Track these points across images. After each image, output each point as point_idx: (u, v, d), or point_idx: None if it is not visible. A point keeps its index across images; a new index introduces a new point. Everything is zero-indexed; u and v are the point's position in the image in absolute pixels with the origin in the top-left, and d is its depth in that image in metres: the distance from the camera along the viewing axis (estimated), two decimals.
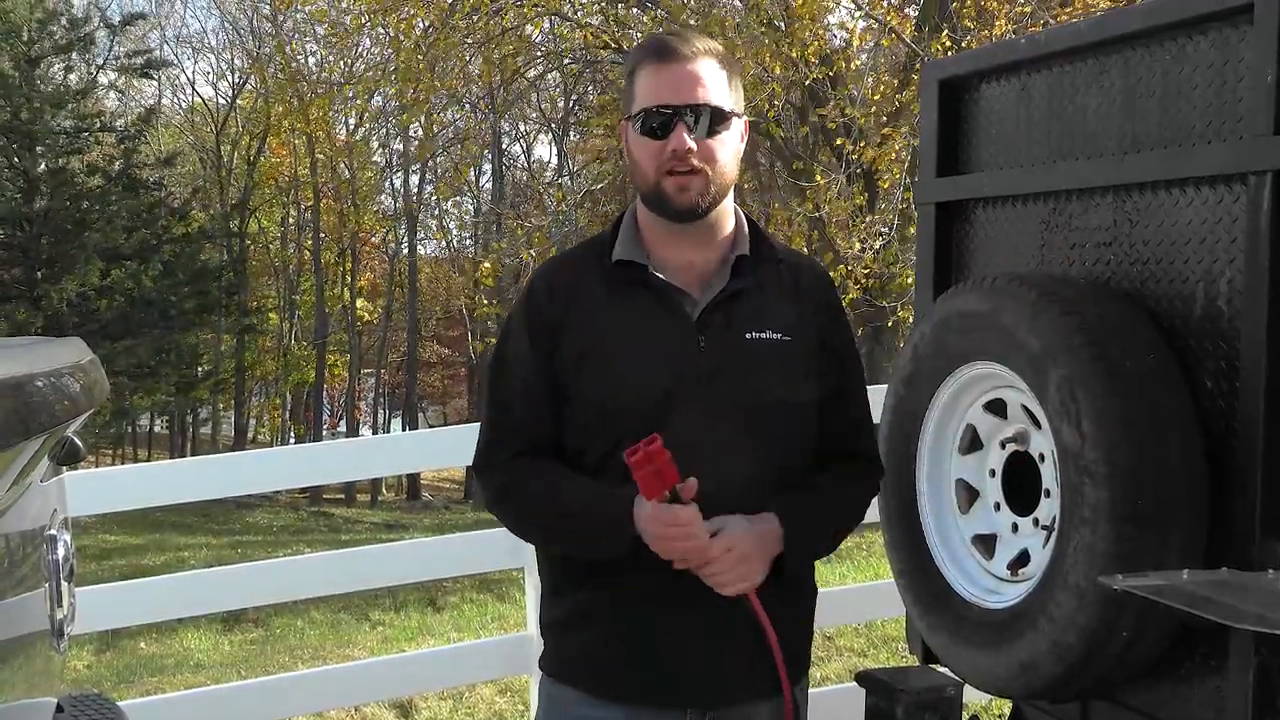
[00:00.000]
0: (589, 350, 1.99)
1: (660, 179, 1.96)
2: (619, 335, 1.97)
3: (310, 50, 31.17)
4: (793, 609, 2.08)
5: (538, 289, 2.08)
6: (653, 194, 1.98)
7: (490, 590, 10.78)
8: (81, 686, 6.05)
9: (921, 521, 2.53)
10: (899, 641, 5.77)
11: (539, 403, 2.02)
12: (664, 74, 1.96)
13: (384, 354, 39.25)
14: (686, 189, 1.95)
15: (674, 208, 1.97)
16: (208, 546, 17.80)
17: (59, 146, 22.59)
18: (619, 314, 2.00)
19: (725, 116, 1.97)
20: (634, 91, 2.00)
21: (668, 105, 1.94)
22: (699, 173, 1.95)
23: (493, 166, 32.07)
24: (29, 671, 1.63)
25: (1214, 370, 2.09)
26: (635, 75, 2.01)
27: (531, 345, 2.03)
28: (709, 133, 1.95)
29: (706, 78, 1.95)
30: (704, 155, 1.95)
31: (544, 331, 2.03)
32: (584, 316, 2.02)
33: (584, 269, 2.08)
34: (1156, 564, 1.97)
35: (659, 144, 1.95)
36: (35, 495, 1.68)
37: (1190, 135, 2.15)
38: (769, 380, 1.98)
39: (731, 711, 2.01)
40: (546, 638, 2.12)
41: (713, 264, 2.04)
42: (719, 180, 1.97)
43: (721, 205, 2.02)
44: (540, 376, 2.02)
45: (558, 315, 2.03)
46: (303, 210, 36.93)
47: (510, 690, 5.52)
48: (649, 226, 2.05)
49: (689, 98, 1.94)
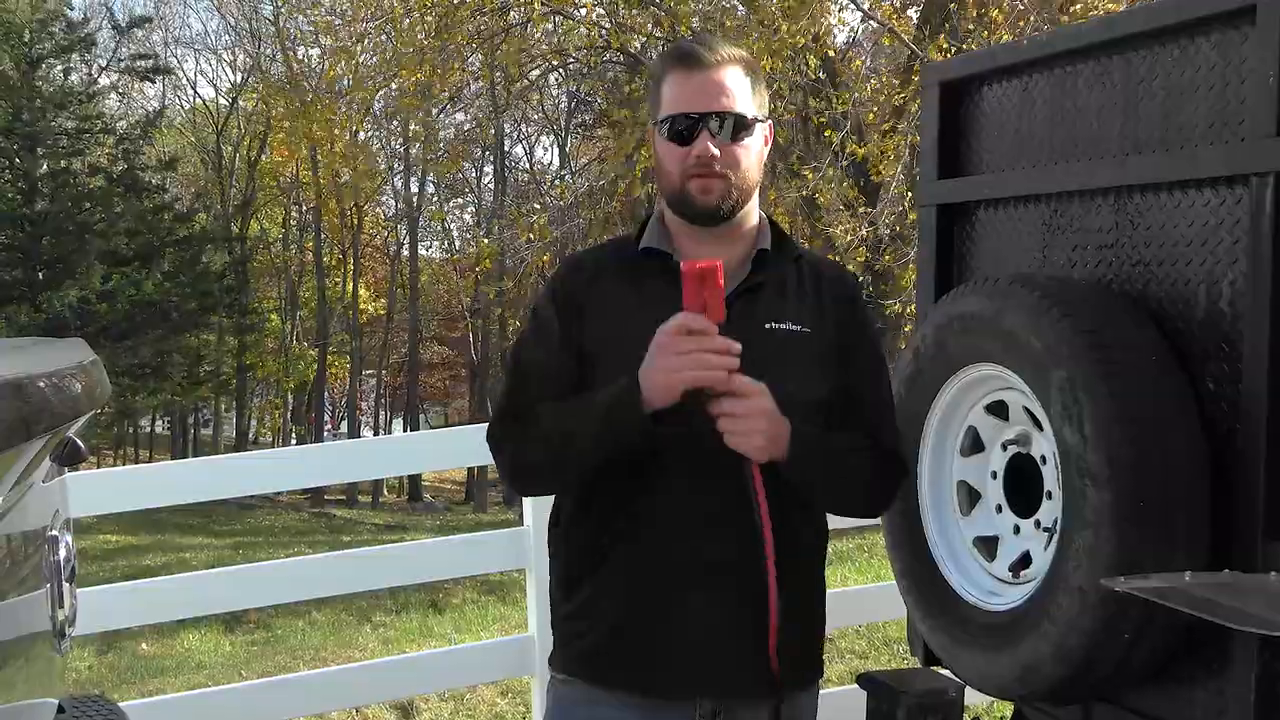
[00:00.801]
0: (610, 335, 2.01)
1: (685, 181, 2.00)
2: (640, 322, 1.97)
3: (314, 54, 31.21)
4: (806, 614, 2.08)
5: (565, 272, 2.13)
6: (677, 196, 2.02)
7: (492, 592, 10.80)
8: (83, 687, 6.06)
9: (923, 523, 2.53)
10: (900, 643, 5.76)
11: (553, 389, 2.03)
12: (689, 81, 2.00)
13: (385, 355, 39.28)
14: (709, 191, 1.99)
15: (697, 209, 2.01)
16: (209, 547, 17.83)
17: (60, 148, 22.61)
18: (641, 301, 2.03)
19: (748, 123, 2.01)
20: (660, 98, 2.04)
21: (692, 112, 1.98)
22: (722, 176, 1.98)
23: (494, 168, 32.11)
24: (30, 672, 1.63)
25: (1216, 372, 2.09)
26: (662, 82, 2.05)
27: (555, 329, 2.06)
28: (732, 138, 1.99)
29: (731, 85, 1.99)
30: (727, 160, 1.98)
31: (571, 316, 2.06)
32: (607, 302, 2.05)
33: (610, 260, 2.13)
34: (1159, 566, 1.96)
35: (684, 149, 1.99)
36: (37, 496, 1.68)
37: (1192, 137, 2.15)
38: (788, 371, 1.99)
39: (741, 704, 2.02)
40: (557, 633, 2.12)
41: (736, 259, 2.06)
42: (742, 185, 2.01)
43: (746, 208, 2.05)
44: (563, 359, 2.04)
45: (582, 298, 2.06)
46: (304, 211, 36.96)
47: (512, 692, 5.52)
48: (676, 227, 2.09)
49: (713, 105, 1.98)
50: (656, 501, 1.99)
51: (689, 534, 1.97)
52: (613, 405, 1.91)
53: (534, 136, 34.62)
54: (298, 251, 38.24)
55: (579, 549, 2.08)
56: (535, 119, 31.45)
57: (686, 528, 1.98)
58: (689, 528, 1.98)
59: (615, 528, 2.02)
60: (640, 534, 2.00)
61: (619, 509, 2.02)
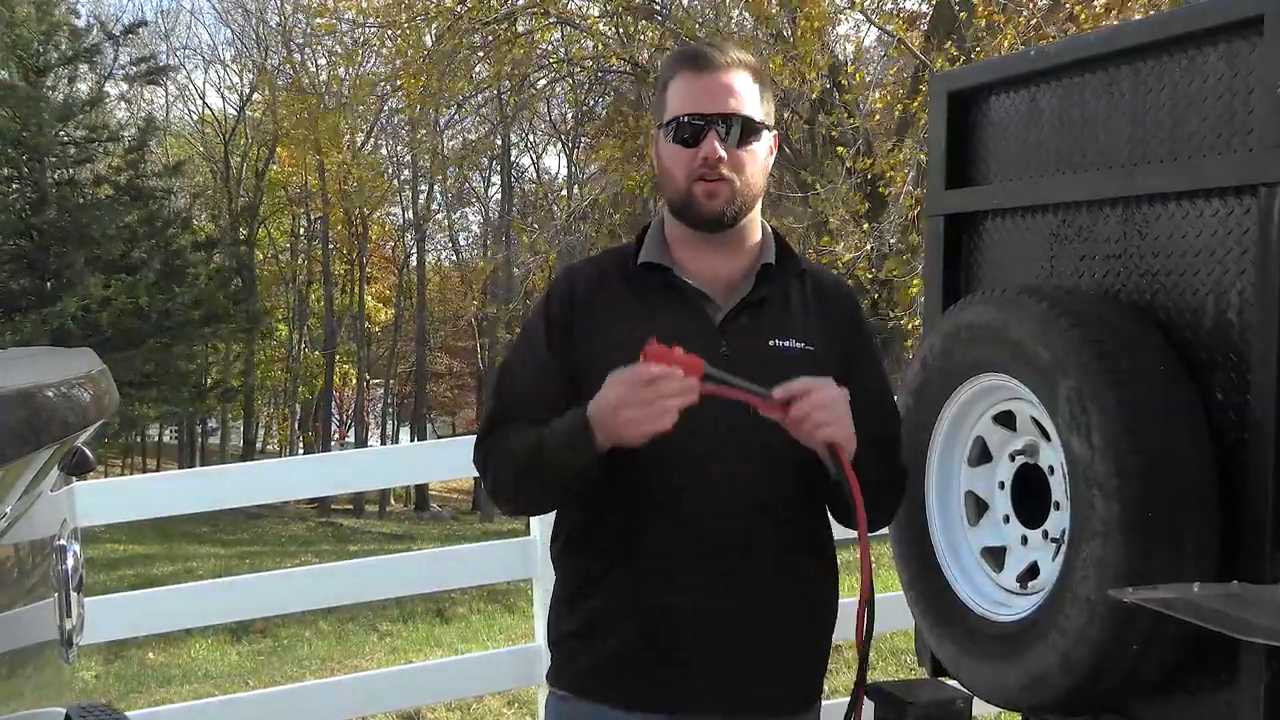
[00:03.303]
0: (608, 351, 1.96)
1: (690, 185, 1.96)
2: (639, 336, 1.97)
3: (320, 64, 31.30)
4: (811, 628, 2.07)
5: (560, 288, 2.08)
6: (682, 201, 1.99)
7: (498, 601, 10.78)
8: (90, 697, 6.05)
9: (930, 534, 2.52)
10: (908, 654, 5.75)
11: (542, 403, 1.99)
12: (698, 83, 1.96)
13: (393, 364, 39.31)
14: (715, 195, 1.95)
15: (702, 214, 1.97)
16: (216, 557, 17.81)
17: (67, 157, 22.65)
18: (641, 316, 1.99)
19: (756, 128, 1.98)
20: (666, 100, 2.01)
21: (700, 114, 1.95)
22: (728, 181, 1.95)
23: (502, 179, 32.15)
24: (38, 681, 1.63)
25: (1224, 382, 2.08)
26: (669, 84, 2.01)
27: (548, 342, 2.03)
28: (740, 142, 1.96)
29: (740, 88, 1.96)
30: (734, 164, 1.95)
31: (562, 330, 2.02)
32: (605, 317, 2.02)
33: (608, 272, 2.08)
34: (1167, 577, 1.96)
35: (690, 152, 1.95)
36: (45, 505, 1.68)
37: (1200, 147, 2.15)
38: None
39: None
40: (558, 651, 2.09)
41: (738, 273, 2.04)
42: (746, 190, 1.98)
43: (749, 217, 2.02)
44: (551, 374, 2.01)
45: (577, 315, 2.03)
46: (312, 220, 37.02)
47: (518, 702, 5.51)
48: (676, 236, 2.05)
49: (721, 107, 1.95)
50: (652, 529, 1.96)
51: (691, 556, 1.95)
52: (563, 447, 1.88)
53: (541, 146, 34.71)
54: (305, 261, 38.30)
55: (578, 569, 2.06)
56: (542, 129, 31.53)
57: (688, 550, 1.95)
58: (691, 550, 1.95)
59: (613, 553, 1.99)
60: (641, 555, 1.97)
61: (617, 535, 1.98)
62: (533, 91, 20.84)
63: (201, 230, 27.53)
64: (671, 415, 1.77)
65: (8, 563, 1.48)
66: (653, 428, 1.78)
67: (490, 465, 2.05)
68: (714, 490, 1.93)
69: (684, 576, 1.94)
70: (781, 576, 1.99)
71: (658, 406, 1.77)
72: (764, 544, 1.97)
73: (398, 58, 17.58)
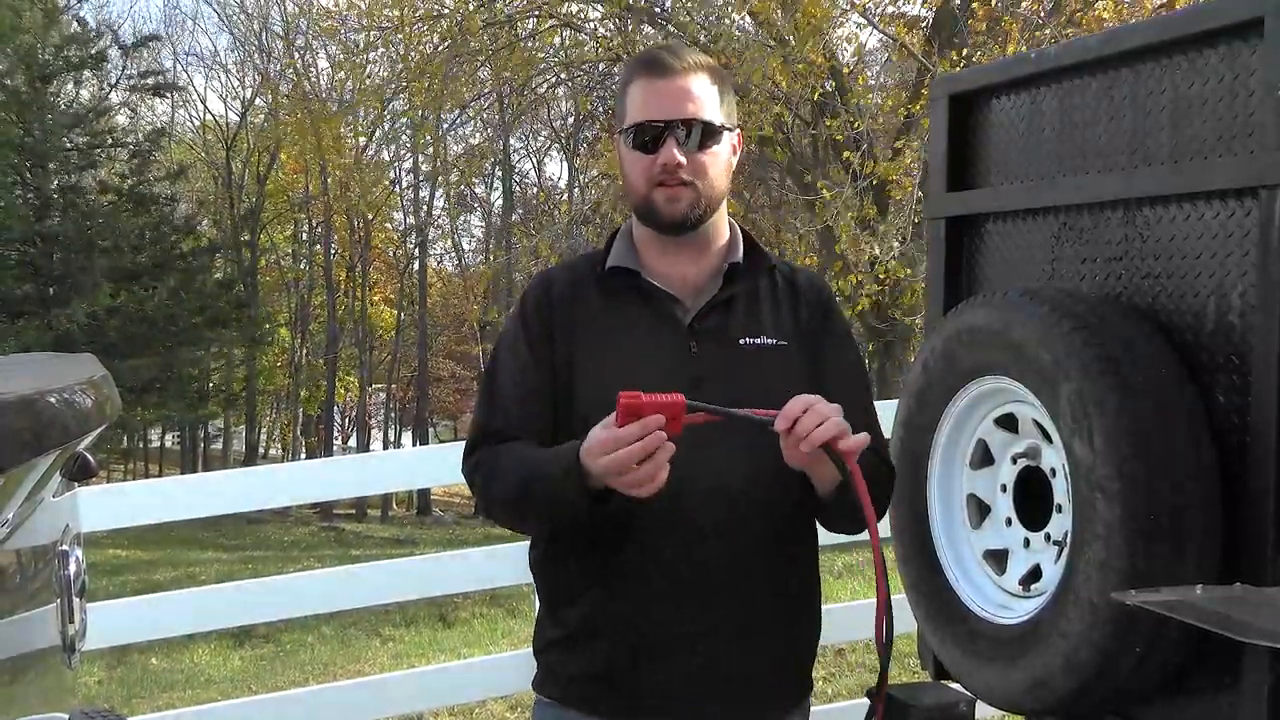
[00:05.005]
0: (580, 356, 1.99)
1: (651, 191, 1.96)
2: (610, 341, 1.96)
3: (323, 69, 31.34)
4: (793, 633, 2.07)
5: (533, 295, 2.08)
6: (644, 206, 1.99)
7: (500, 605, 10.77)
8: (93, 702, 6.06)
9: (933, 536, 2.52)
10: (910, 657, 5.74)
11: (530, 409, 2.00)
12: (655, 88, 1.96)
13: (395, 369, 39.30)
14: (676, 200, 1.95)
15: (664, 219, 1.97)
16: (218, 562, 17.83)
17: (71, 164, 22.69)
18: (611, 320, 2.00)
19: (715, 131, 1.97)
20: (626, 106, 2.00)
21: (658, 120, 1.94)
22: (689, 186, 1.95)
23: (503, 184, 32.17)
24: (40, 687, 1.63)
25: (1226, 384, 2.08)
26: (627, 89, 2.01)
27: (529, 346, 2.03)
28: (699, 147, 1.95)
29: (697, 92, 1.96)
30: (694, 169, 1.95)
31: (538, 336, 2.02)
32: (577, 323, 2.02)
33: (579, 277, 2.08)
34: (1169, 579, 1.96)
35: (650, 158, 1.95)
36: (47, 511, 1.68)
37: (1201, 149, 2.15)
38: (768, 384, 1.94)
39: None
40: (544, 660, 2.09)
41: (705, 274, 2.04)
42: (709, 193, 1.97)
43: (714, 218, 2.02)
44: (533, 381, 2.01)
45: (552, 320, 2.03)
46: (314, 226, 37.05)
47: (521, 706, 5.50)
48: (643, 239, 2.05)
49: (679, 112, 1.94)
50: (629, 538, 1.94)
51: (670, 565, 1.94)
52: (554, 493, 1.86)
53: (543, 150, 34.73)
54: (308, 266, 38.32)
55: (559, 579, 2.06)
56: (544, 135, 31.55)
57: (666, 559, 1.94)
58: (670, 559, 1.94)
59: (590, 563, 1.99)
60: (619, 564, 1.96)
61: (593, 545, 1.97)
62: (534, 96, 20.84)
63: (205, 236, 27.53)
64: (662, 474, 1.76)
65: (10, 568, 1.48)
66: (647, 492, 1.77)
67: (479, 481, 2.04)
68: (693, 500, 1.92)
69: (663, 584, 1.94)
70: (763, 583, 1.99)
71: (645, 472, 1.75)
72: (745, 552, 1.97)
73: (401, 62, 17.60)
